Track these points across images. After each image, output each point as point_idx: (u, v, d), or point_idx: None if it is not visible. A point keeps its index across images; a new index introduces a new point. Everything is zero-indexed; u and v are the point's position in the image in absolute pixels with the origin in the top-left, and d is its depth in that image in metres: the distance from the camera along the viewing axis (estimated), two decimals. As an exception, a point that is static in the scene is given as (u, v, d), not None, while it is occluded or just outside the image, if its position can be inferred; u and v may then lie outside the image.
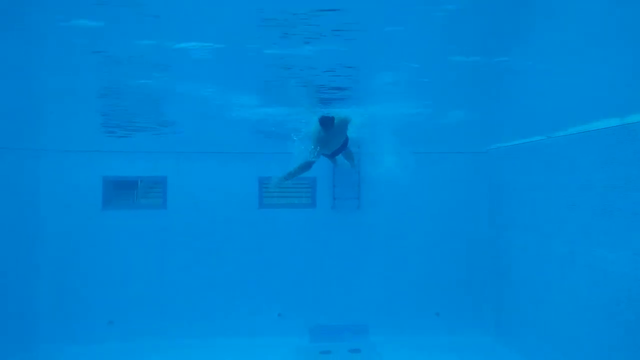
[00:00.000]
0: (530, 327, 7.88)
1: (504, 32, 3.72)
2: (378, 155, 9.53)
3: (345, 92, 5.96)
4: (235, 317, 9.58)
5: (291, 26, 3.82)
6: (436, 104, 6.61)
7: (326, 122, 6.45)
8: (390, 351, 8.95)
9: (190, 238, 9.61)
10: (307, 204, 9.96)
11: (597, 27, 3.41)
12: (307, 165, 6.54)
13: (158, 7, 3.84)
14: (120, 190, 9.88)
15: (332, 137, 6.75)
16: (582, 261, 6.41)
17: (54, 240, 9.29)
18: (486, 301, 9.60)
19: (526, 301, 8.12)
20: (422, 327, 9.63)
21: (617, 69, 4.24)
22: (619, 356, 5.62)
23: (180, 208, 9.63)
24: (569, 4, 3.02)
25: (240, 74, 5.16)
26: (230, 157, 9.69)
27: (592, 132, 6.19)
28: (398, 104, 6.72)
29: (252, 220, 9.73)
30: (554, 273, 7.11)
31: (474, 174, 9.80)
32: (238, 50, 4.47)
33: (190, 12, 3.93)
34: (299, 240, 9.77)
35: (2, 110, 6.69)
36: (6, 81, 5.65)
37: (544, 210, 7.47)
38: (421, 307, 9.74)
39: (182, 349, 9.07)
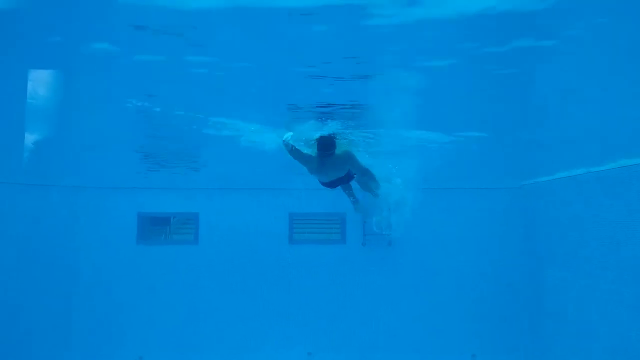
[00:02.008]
0: (575, 373, 7.40)
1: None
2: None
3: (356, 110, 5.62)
4: (266, 354, 9.42)
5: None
6: (466, 137, 6.49)
7: (325, 145, 5.29)
8: (424, 395, 8.56)
9: (221, 273, 9.63)
10: (337, 240, 9.86)
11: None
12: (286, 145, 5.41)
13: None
14: (154, 226, 10.09)
15: (329, 167, 5.63)
16: (631, 301, 6.03)
17: (90, 274, 9.49)
18: (525, 342, 9.11)
19: (569, 344, 7.65)
20: (458, 369, 9.20)
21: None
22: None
23: (211, 244, 9.71)
24: (609, 34, 2.98)
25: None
26: (260, 193, 9.77)
27: (634, 166, 5.94)
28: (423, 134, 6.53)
29: (282, 256, 9.69)
30: (600, 313, 6.71)
31: (509, 210, 9.51)
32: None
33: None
34: (329, 277, 9.63)
35: (45, 148, 7.01)
36: (48, 120, 5.94)
37: (585, 247, 7.13)
38: (456, 348, 9.33)
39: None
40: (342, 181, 6.19)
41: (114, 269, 9.56)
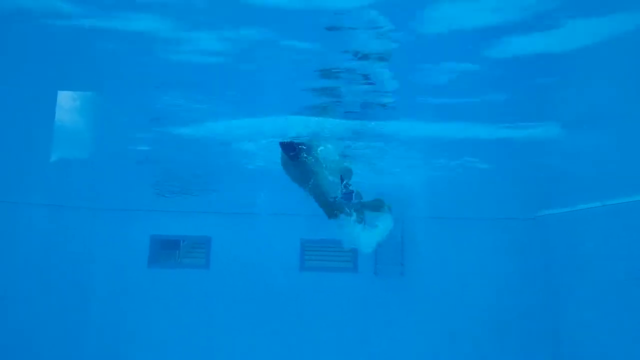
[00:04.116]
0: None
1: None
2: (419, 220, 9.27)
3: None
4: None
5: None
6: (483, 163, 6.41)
7: (285, 145, 4.90)
8: None
9: (232, 298, 9.50)
10: (348, 268, 9.72)
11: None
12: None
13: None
14: (164, 250, 10.06)
15: (294, 173, 5.07)
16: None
17: (102, 296, 9.44)
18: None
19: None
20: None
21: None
22: None
23: (222, 268, 9.64)
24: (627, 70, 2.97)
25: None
26: (273, 219, 9.70)
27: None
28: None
29: (293, 282, 9.55)
30: (619, 349, 6.45)
31: (524, 241, 9.29)
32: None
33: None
34: (340, 305, 9.44)
35: (62, 170, 7.12)
36: (66, 142, 6.05)
37: (604, 281, 6.92)
38: (471, 383, 8.99)
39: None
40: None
41: (126, 292, 9.50)
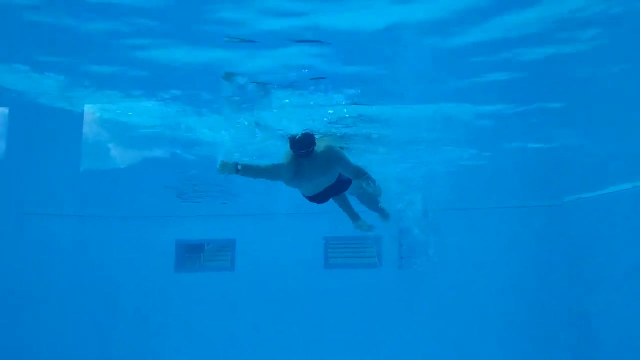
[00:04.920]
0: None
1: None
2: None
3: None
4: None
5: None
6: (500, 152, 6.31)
7: (300, 145, 4.14)
8: None
9: (258, 299, 9.55)
10: (373, 264, 9.69)
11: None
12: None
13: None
14: (189, 254, 10.17)
15: (312, 170, 4.38)
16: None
17: (130, 304, 9.57)
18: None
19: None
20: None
21: None
22: None
23: (247, 270, 9.70)
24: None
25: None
26: (296, 218, 9.71)
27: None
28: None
29: (318, 281, 9.57)
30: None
31: (551, 229, 9.11)
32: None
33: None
34: (365, 301, 9.42)
35: (88, 181, 7.26)
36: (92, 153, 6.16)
37: (636, 270, 6.73)
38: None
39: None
40: (334, 191, 4.88)
41: (155, 298, 9.61)
